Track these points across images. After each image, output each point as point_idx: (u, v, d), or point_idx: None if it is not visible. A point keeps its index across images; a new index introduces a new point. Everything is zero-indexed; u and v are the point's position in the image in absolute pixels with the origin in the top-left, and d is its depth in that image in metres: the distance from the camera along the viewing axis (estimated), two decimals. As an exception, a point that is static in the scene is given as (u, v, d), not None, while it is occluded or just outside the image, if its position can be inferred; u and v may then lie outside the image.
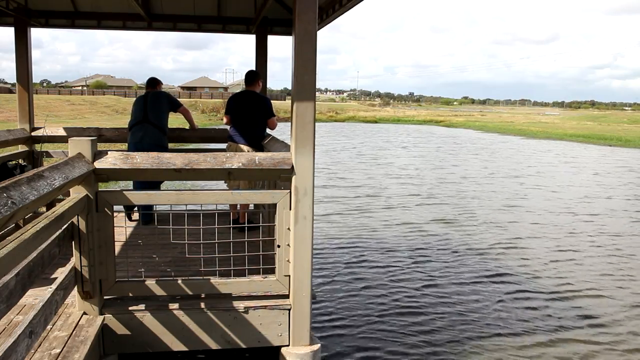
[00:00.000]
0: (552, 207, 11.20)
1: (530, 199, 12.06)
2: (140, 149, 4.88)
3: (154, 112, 5.17)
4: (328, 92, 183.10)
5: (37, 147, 5.36)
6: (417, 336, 4.71)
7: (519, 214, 10.38)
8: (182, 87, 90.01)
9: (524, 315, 5.26)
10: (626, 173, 17.62)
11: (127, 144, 5.30)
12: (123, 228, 4.01)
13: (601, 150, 26.62)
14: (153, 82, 5.48)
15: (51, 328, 2.61)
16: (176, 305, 3.01)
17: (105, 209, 2.83)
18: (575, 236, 8.76)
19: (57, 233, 2.42)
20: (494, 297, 5.74)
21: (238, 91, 5.15)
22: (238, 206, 4.86)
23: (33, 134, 5.34)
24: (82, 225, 2.73)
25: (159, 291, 2.98)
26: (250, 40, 6.04)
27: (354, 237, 8.25)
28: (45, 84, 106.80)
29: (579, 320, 5.23)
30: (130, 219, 5.21)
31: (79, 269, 2.77)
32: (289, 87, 3.23)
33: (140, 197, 3.06)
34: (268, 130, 5.11)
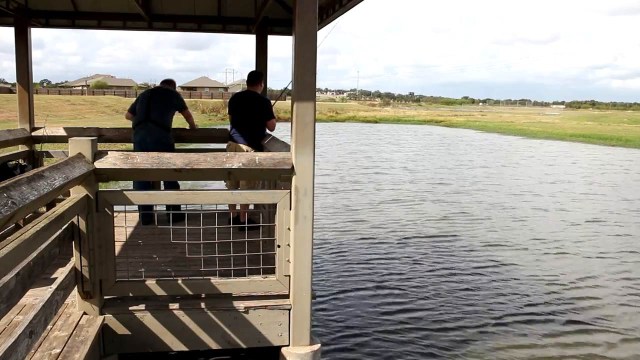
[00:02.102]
0: (503, 189, 13.01)
1: (488, 184, 13.85)
2: (144, 147, 4.86)
3: (157, 110, 5.06)
4: (328, 92, 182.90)
5: (38, 147, 5.36)
6: (417, 335, 4.71)
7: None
8: (183, 87, 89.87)
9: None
10: (596, 165, 18.99)
11: (129, 144, 5.27)
12: (123, 228, 4.00)
13: (589, 147, 27.15)
14: (165, 82, 5.41)
15: (51, 328, 2.61)
16: (176, 305, 3.01)
17: (106, 209, 2.83)
18: (505, 210, 10.54)
19: (57, 233, 2.42)
20: (492, 288, 5.76)
21: (239, 91, 5.15)
22: (237, 205, 4.87)
23: (33, 134, 5.34)
24: (82, 225, 2.73)
25: (159, 291, 2.98)
26: (251, 40, 6.04)
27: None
28: (45, 84, 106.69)
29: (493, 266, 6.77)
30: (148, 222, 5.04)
31: (79, 269, 2.77)
32: (289, 87, 3.23)
33: (140, 197, 3.06)
34: (267, 131, 5.10)
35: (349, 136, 30.72)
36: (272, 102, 5.10)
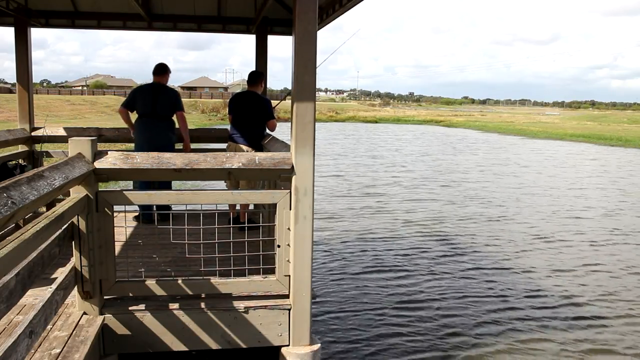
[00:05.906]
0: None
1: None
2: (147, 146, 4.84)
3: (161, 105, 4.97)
4: (328, 92, 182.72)
5: (37, 147, 5.36)
6: (418, 335, 4.71)
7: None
8: (182, 87, 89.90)
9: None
10: (581, 160, 20.37)
11: (130, 144, 5.24)
12: (123, 228, 4.00)
13: (581, 146, 27.44)
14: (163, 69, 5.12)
15: (51, 328, 2.61)
16: (176, 305, 3.01)
17: (105, 209, 2.83)
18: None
19: (57, 233, 2.42)
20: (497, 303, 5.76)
21: (240, 91, 5.15)
22: (237, 205, 4.86)
23: (33, 134, 5.34)
24: (82, 225, 2.73)
25: (159, 291, 2.98)
26: (251, 40, 6.05)
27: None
28: (45, 84, 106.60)
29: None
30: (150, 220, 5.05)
31: (79, 269, 2.77)
32: (289, 87, 3.23)
33: (140, 197, 3.06)
34: (268, 131, 5.10)
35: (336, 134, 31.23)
36: (276, 103, 5.10)
